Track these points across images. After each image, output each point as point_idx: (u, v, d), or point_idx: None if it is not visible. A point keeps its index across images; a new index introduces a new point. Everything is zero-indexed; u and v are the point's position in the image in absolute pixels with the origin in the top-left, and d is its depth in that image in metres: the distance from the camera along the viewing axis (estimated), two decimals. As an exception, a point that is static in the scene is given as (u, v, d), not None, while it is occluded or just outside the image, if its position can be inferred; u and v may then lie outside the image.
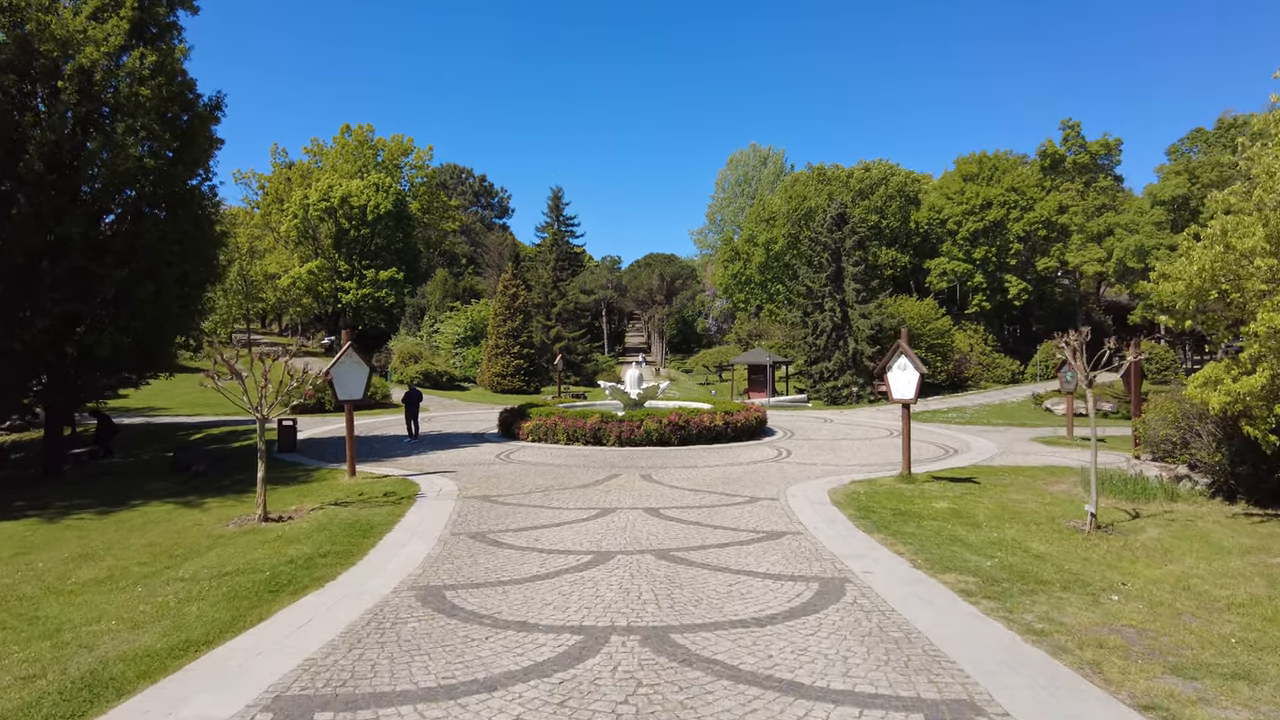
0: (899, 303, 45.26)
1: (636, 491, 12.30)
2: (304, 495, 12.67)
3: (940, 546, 8.42)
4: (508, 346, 46.35)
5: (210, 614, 6.22)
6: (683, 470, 15.01)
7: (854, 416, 30.53)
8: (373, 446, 19.78)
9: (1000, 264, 53.76)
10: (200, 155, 17.81)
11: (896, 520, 9.92)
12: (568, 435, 19.60)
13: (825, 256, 42.20)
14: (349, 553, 8.16)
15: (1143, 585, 7.20)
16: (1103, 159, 55.71)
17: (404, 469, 15.28)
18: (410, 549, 8.30)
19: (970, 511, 10.90)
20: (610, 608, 6.22)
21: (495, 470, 14.95)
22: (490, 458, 17.07)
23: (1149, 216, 48.67)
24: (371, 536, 8.93)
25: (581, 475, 14.22)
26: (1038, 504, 11.92)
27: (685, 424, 19.48)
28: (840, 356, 40.63)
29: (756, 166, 72.20)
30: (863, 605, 6.27)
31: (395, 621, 5.95)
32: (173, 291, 16.29)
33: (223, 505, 12.30)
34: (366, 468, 15.51)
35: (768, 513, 10.43)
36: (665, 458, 17.00)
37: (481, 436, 21.81)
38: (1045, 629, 5.74)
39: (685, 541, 8.64)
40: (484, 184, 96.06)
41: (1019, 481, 14.30)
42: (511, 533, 9.16)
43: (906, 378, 13.46)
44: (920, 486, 13.20)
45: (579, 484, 13.11)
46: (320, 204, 58.09)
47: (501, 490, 12.45)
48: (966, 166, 56.81)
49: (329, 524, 9.81)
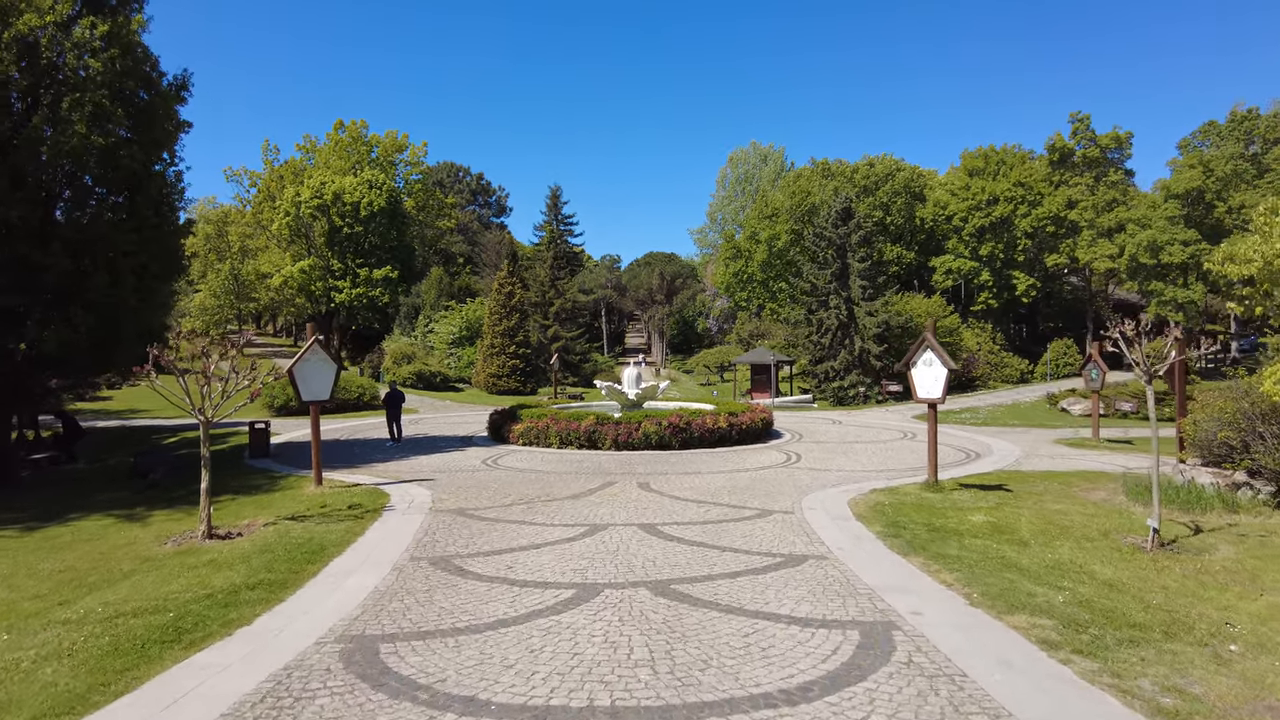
0: (906, 300, 43.91)
1: (632, 503, 10.96)
2: (262, 507, 11.34)
3: (992, 574, 7.07)
4: (503, 346, 44.96)
5: (64, 681, 4.79)
6: (684, 477, 13.66)
7: (863, 417, 29.17)
8: (353, 451, 18.45)
9: (1008, 261, 52.42)
10: (163, 137, 16.46)
11: (933, 539, 8.57)
12: (560, 439, 18.26)
13: (830, 252, 40.82)
14: (284, 583, 6.82)
15: (1251, 626, 5.86)
16: (1112, 153, 54.36)
17: (379, 476, 13.94)
18: (357, 580, 6.94)
19: (1012, 526, 9.56)
20: (590, 673, 4.86)
21: (478, 478, 13.60)
22: (475, 463, 15.73)
23: (1162, 211, 47.33)
24: (317, 562, 7.59)
25: (572, 483, 12.88)
26: (1082, 515, 10.58)
27: (687, 426, 18.13)
28: (846, 355, 39.25)
29: (757, 165, 70.92)
30: (922, 667, 4.88)
31: (300, 696, 4.55)
32: (129, 284, 14.92)
33: (169, 519, 10.96)
34: (339, 475, 14.17)
35: (784, 530, 9.08)
36: (665, 463, 15.65)
37: (470, 440, 20.47)
38: (1179, 708, 4.33)
39: (688, 569, 7.28)
40: (481, 182, 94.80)
41: (1053, 489, 12.96)
42: (482, 558, 7.79)
43: (933, 374, 12.11)
44: (949, 496, 11.86)
45: (568, 494, 11.76)
46: (313, 201, 56.70)
47: (480, 502, 11.10)
48: (972, 161, 55.48)
49: (275, 544, 8.47)
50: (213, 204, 63.47)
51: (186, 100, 17.61)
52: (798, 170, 59.52)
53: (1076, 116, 53.36)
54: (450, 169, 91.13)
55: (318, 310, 62.88)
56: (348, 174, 60.53)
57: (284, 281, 58.13)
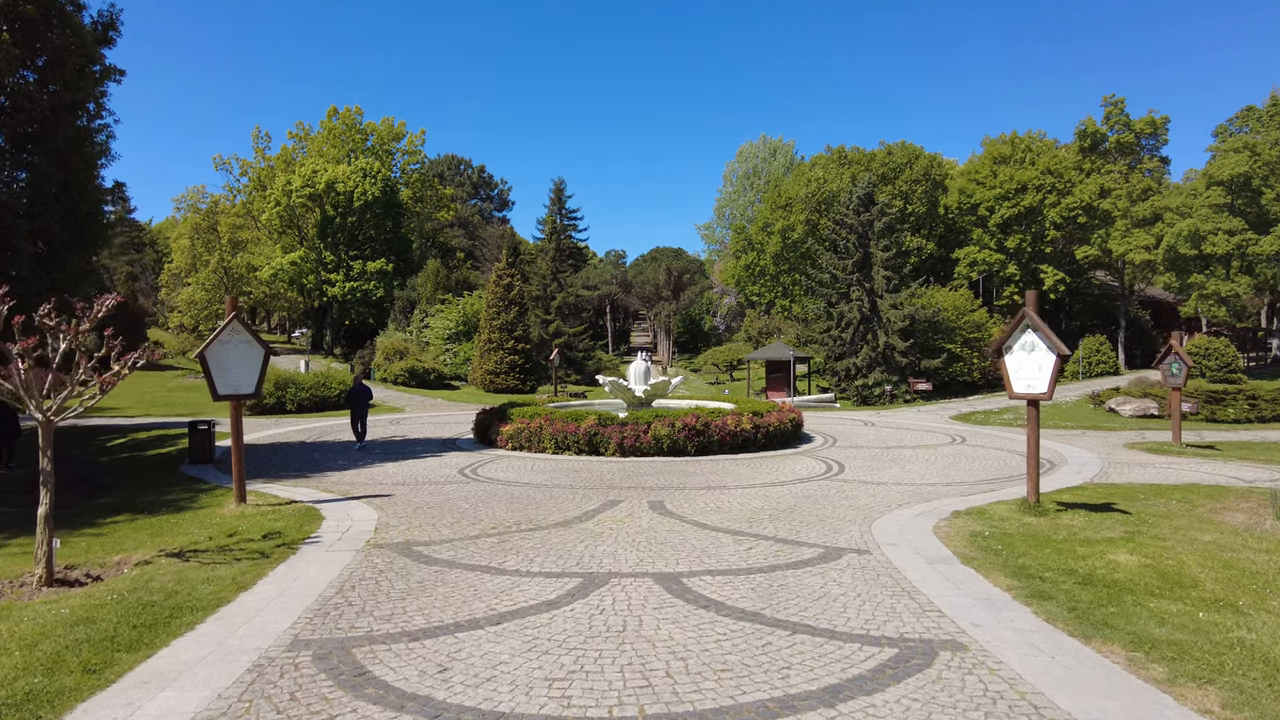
0: (932, 293, 40.94)
1: (643, 534, 8.16)
2: (156, 534, 8.58)
3: (1261, 685, 4.23)
4: (501, 341, 42.16)
5: None
6: (708, 493, 10.86)
7: (894, 418, 26.30)
8: (310, 456, 15.71)
9: (1035, 253, 49.36)
10: (80, 83, 13.75)
11: (1099, 600, 5.76)
12: (556, 442, 15.48)
13: (851, 240, 37.92)
14: (53, 700, 4.04)
15: None
16: (1147, 140, 51.26)
17: (324, 491, 11.16)
18: (168, 702, 4.14)
19: (1180, 571, 6.74)
20: None
21: (447, 494, 10.82)
22: (450, 473, 12.96)
23: (1204, 198, 44.25)
24: (142, 648, 4.79)
25: (565, 503, 10.08)
26: (1257, 552, 7.74)
27: (705, 428, 15.32)
28: (869, 351, 36.34)
29: (766, 159, 68.07)
30: None
31: None
32: (25, 250, 12.21)
33: (25, 551, 8.18)
34: (276, 488, 11.41)
35: (868, 584, 6.26)
36: (681, 473, 12.86)
37: (453, 443, 17.71)
38: None
39: (747, 680, 4.38)
40: (483, 175, 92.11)
41: (1176, 509, 10.11)
42: (404, 646, 4.95)
43: (1036, 362, 9.26)
44: (1057, 521, 9.04)
45: (558, 519, 8.96)
46: (304, 190, 54.12)
47: (438, 532, 8.31)
48: (997, 148, 52.46)
49: (114, 604, 5.71)
50: (202, 194, 60.71)
51: (114, 42, 14.91)
52: (813, 158, 56.61)
53: (1110, 100, 50.30)
54: (451, 161, 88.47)
55: (310, 304, 60.30)
56: (342, 162, 57.93)
57: (274, 274, 55.55)
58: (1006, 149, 51.84)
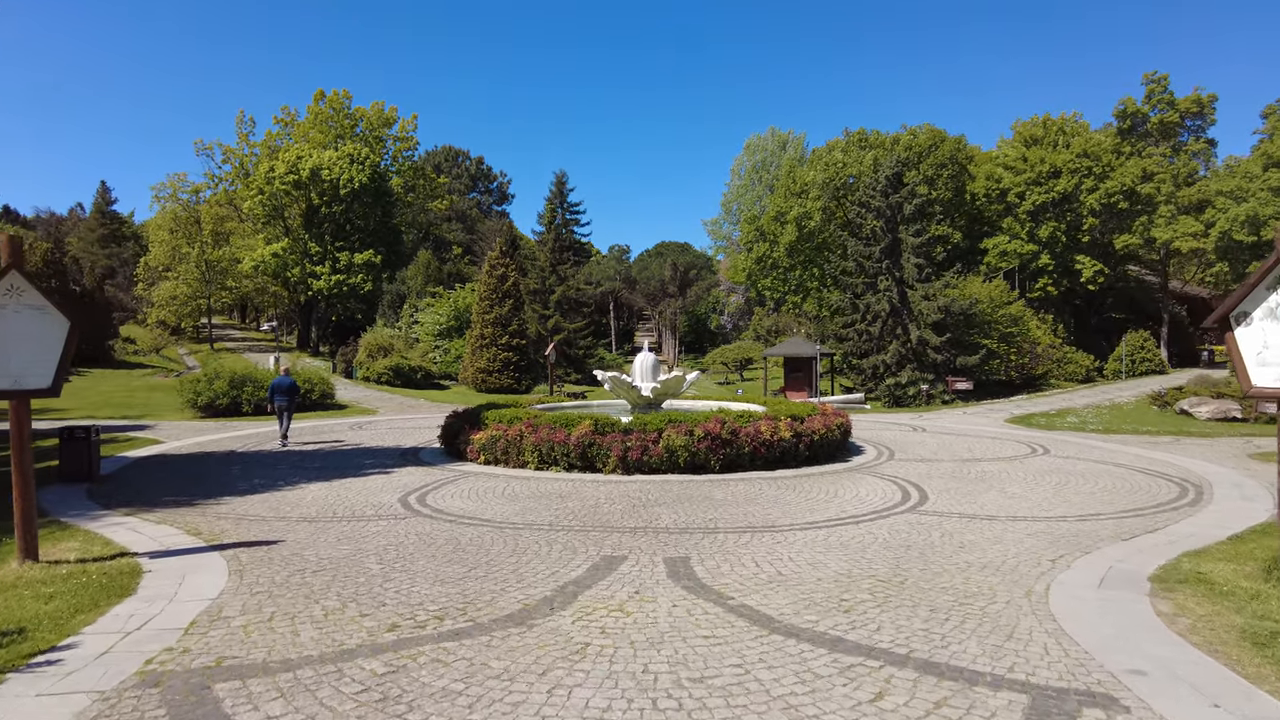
0: (965, 283, 37.29)
1: (663, 649, 4.52)
2: None
3: None
4: (495, 337, 38.59)
5: None
6: (755, 540, 7.33)
7: (941, 422, 22.69)
8: (227, 471, 12.23)
9: (1070, 243, 45.55)
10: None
11: None
12: (540, 455, 11.96)
13: (878, 225, 34.31)
14: None
15: None
16: (1192, 120, 47.50)
17: (191, 532, 7.66)
18: None
19: None
20: None
21: (361, 542, 7.30)
22: (388, 501, 9.45)
23: (1262, 181, 40.49)
24: None
25: (535, 562, 6.54)
26: None
27: (733, 437, 11.76)
28: (898, 347, 32.71)
29: (775, 151, 64.39)
30: None
31: None
32: None
33: None
34: (128, 524, 7.94)
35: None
36: (707, 501, 9.33)
37: (414, 454, 14.20)
38: None
39: None
40: (481, 167, 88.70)
41: None
42: None
43: (1296, 340, 5.70)
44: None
45: (514, 604, 5.36)
46: (288, 177, 50.64)
47: (293, 637, 4.71)
48: (1029, 130, 48.73)
49: None
50: (183, 182, 57.22)
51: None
52: (830, 142, 52.89)
53: (1152, 77, 46.63)
54: (449, 152, 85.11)
55: (295, 299, 56.89)
56: (330, 148, 54.46)
57: (256, 266, 52.06)
58: (1038, 130, 48.15)
